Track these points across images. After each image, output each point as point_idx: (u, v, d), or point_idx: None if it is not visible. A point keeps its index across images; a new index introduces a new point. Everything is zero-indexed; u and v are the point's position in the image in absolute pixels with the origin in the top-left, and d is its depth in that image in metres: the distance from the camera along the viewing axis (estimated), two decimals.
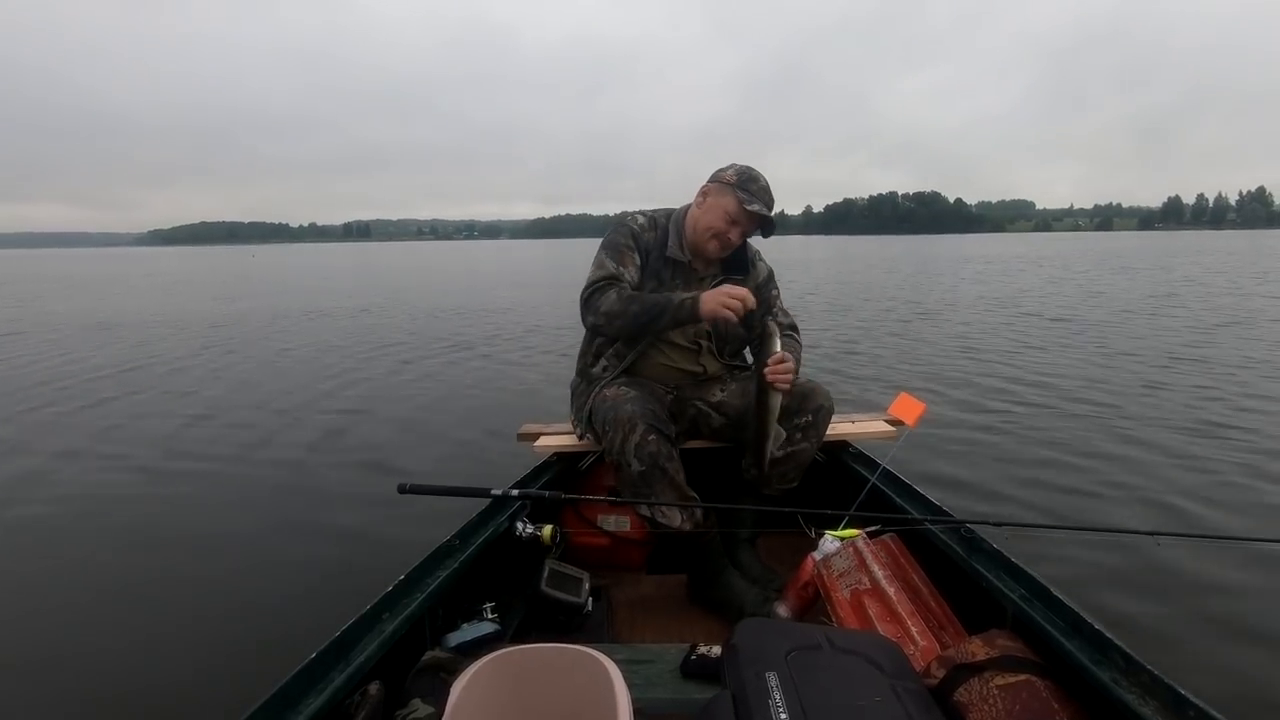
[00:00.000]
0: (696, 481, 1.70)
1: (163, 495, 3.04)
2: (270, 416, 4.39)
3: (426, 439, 3.85)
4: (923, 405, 1.88)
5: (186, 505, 2.92)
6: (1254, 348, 6.06)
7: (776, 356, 1.53)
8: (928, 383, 4.92)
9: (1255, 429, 3.60)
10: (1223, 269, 17.52)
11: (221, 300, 13.65)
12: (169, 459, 3.54)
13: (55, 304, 13.48)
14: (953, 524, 1.43)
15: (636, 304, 1.66)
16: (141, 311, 11.45)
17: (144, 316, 10.63)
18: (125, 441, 3.85)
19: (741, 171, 1.74)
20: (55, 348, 7.46)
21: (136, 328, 9.18)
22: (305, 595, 2.12)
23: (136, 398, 5.00)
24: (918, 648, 1.23)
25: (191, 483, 3.18)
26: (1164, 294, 11.20)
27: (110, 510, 2.88)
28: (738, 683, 0.93)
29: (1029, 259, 25.57)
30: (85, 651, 1.86)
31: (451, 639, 1.29)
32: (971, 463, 3.21)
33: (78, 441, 3.88)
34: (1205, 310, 8.88)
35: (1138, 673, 0.94)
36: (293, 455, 3.56)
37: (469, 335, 8.00)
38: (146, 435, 3.97)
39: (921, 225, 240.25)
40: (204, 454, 3.60)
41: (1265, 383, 4.71)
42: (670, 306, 1.64)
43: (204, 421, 4.27)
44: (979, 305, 10.16)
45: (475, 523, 1.51)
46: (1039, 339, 6.84)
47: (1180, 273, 16.31)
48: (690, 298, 1.63)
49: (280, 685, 0.92)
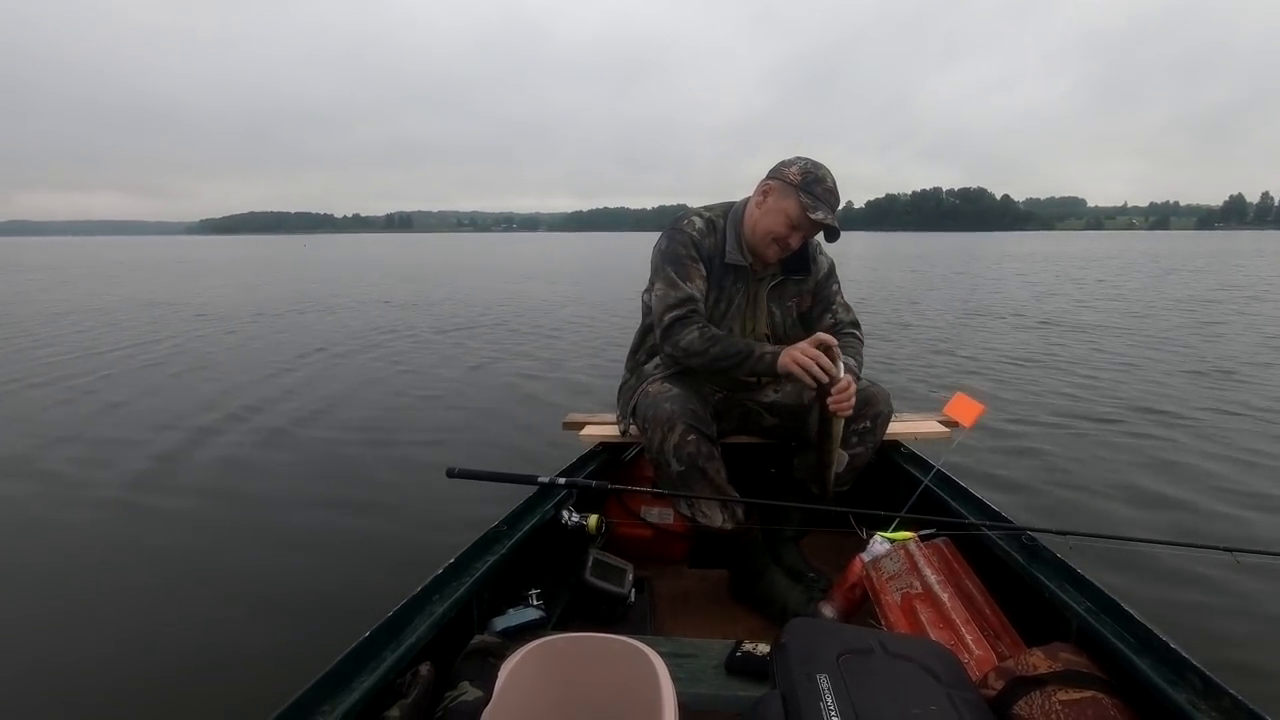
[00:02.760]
0: (742, 476, 1.68)
1: (219, 479, 3.13)
2: (323, 401, 4.52)
3: (474, 426, 3.91)
4: (981, 406, 1.81)
5: (243, 489, 3.00)
6: None
7: (841, 385, 1.46)
8: (985, 384, 4.77)
9: None
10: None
11: (274, 286, 14.13)
12: (226, 444, 3.65)
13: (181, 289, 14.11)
14: (1013, 531, 1.38)
15: (718, 347, 1.60)
16: (225, 295, 11.94)
17: (230, 299, 11.08)
18: (188, 420, 4.02)
19: (807, 170, 1.62)
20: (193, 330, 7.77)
21: (227, 312, 9.58)
22: (357, 575, 2.17)
23: (212, 378, 5.22)
24: (973, 656, 1.19)
25: (247, 468, 3.27)
26: (1248, 298, 10.55)
27: (167, 488, 2.99)
28: (788, 683, 0.91)
29: (1092, 257, 24.48)
30: (149, 633, 1.93)
31: (498, 623, 1.30)
32: (1032, 468, 3.08)
33: (166, 419, 4.05)
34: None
35: (1218, 697, 0.88)
36: (346, 437, 3.66)
37: (515, 325, 8.11)
38: (209, 413, 4.14)
39: (967, 222, 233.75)
40: (259, 439, 3.71)
41: None
42: (750, 358, 1.57)
43: (264, 406, 4.41)
44: (1037, 306, 9.78)
45: (522, 509, 1.52)
46: (1108, 344, 6.54)
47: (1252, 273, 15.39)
48: (771, 352, 1.55)
49: (334, 664, 0.94)
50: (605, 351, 5.74)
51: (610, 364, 5.00)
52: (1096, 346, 6.26)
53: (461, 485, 1.52)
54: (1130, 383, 4.77)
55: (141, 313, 9.42)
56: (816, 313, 1.83)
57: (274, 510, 2.74)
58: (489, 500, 1.67)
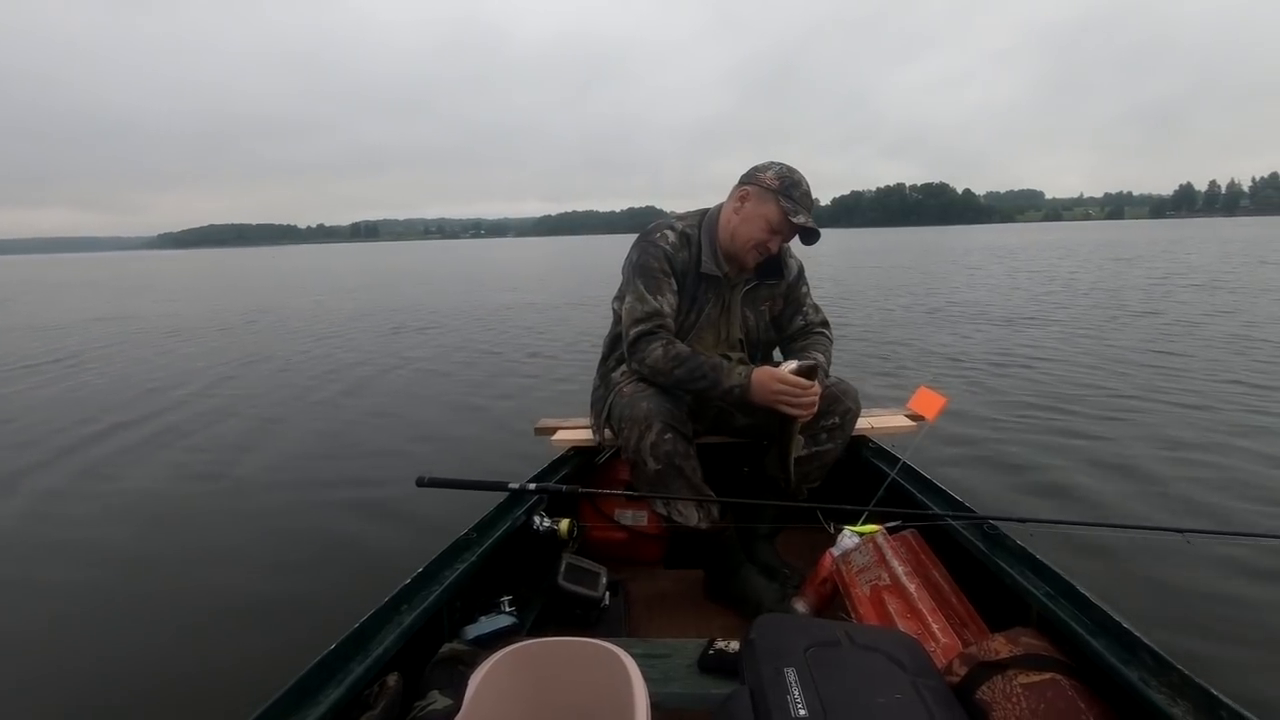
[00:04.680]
0: (716, 476, 1.69)
1: (180, 488, 3.08)
2: (291, 412, 4.45)
3: (443, 434, 3.88)
4: (944, 399, 1.85)
5: (204, 498, 2.96)
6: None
7: (795, 390, 1.49)
8: (949, 376, 4.86)
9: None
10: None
11: (247, 297, 13.85)
12: (188, 453, 3.60)
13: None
14: (975, 520, 1.41)
15: (683, 369, 1.58)
16: (183, 309, 11.66)
17: (189, 313, 10.82)
18: (152, 433, 3.93)
19: (783, 174, 1.63)
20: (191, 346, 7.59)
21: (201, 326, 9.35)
22: (324, 588, 2.14)
23: (161, 390, 5.10)
24: (939, 645, 1.21)
25: (209, 477, 3.22)
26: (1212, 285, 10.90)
27: (129, 498, 2.94)
28: (756, 678, 0.92)
29: (1055, 246, 25.14)
30: (105, 645, 1.89)
31: (469, 632, 1.30)
32: (993, 458, 3.16)
33: (111, 433, 3.96)
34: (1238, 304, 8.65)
35: (1168, 672, 0.91)
36: (312, 449, 3.60)
37: (485, 332, 8.05)
38: (168, 427, 4.04)
39: (930, 217, 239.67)
40: (221, 448, 3.66)
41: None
42: (719, 387, 1.56)
43: (225, 416, 4.34)
44: (1000, 297, 10.00)
45: (493, 516, 1.51)
46: (1066, 331, 6.72)
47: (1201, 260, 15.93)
48: (741, 385, 1.54)
49: (299, 676, 0.93)
50: (577, 359, 5.74)
51: (583, 370, 5.00)
52: (1059, 337, 6.43)
53: (432, 494, 1.51)
54: (1087, 373, 4.90)
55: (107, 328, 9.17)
56: (787, 315, 1.84)
57: (238, 523, 2.69)
58: (461, 509, 1.66)
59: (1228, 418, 3.67)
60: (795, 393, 1.48)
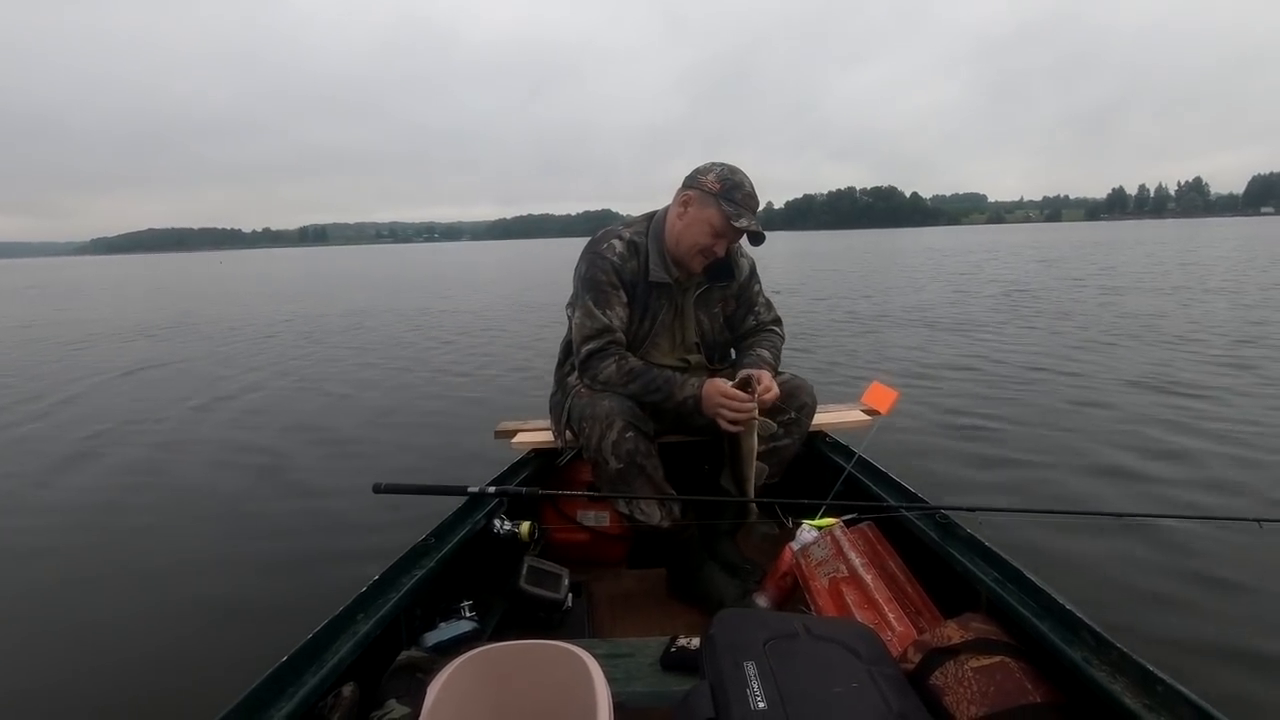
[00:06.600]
0: (677, 475, 1.69)
1: (127, 498, 2.97)
2: (241, 416, 4.32)
3: (401, 439, 3.81)
4: (896, 393, 1.90)
5: (154, 508, 2.85)
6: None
7: (730, 402, 1.50)
8: (902, 370, 4.99)
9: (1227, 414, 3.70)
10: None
11: (197, 303, 13.35)
12: (139, 457, 3.47)
13: None
14: (927, 510, 1.45)
15: (637, 383, 1.60)
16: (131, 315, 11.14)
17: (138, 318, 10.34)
18: (104, 435, 3.75)
19: (724, 177, 1.62)
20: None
21: None
22: (278, 598, 2.08)
23: (106, 391, 4.87)
24: (895, 633, 1.25)
25: (159, 485, 3.11)
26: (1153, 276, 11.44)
27: (78, 512, 2.81)
28: (716, 673, 0.93)
29: (1005, 247, 26.07)
30: (52, 656, 1.81)
31: (429, 638, 1.27)
32: (945, 449, 3.25)
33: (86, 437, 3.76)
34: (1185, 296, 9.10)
35: (1107, 650, 0.95)
36: (265, 458, 3.49)
37: (440, 335, 7.93)
38: (119, 432, 3.87)
39: (880, 220, 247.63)
40: (171, 456, 3.53)
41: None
42: (673, 399, 1.59)
43: (168, 423, 4.18)
44: (953, 295, 10.31)
45: (451, 521, 1.49)
46: (1012, 327, 6.97)
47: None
48: (694, 397, 1.57)
49: (250, 689, 0.90)
50: (537, 361, 5.70)
51: (542, 372, 4.95)
52: (1013, 336, 6.67)
53: (389, 501, 1.48)
54: (1035, 366, 5.09)
55: None
56: (740, 314, 1.86)
57: (186, 534, 2.59)
58: (421, 514, 1.63)
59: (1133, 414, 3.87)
60: (733, 405, 1.50)
